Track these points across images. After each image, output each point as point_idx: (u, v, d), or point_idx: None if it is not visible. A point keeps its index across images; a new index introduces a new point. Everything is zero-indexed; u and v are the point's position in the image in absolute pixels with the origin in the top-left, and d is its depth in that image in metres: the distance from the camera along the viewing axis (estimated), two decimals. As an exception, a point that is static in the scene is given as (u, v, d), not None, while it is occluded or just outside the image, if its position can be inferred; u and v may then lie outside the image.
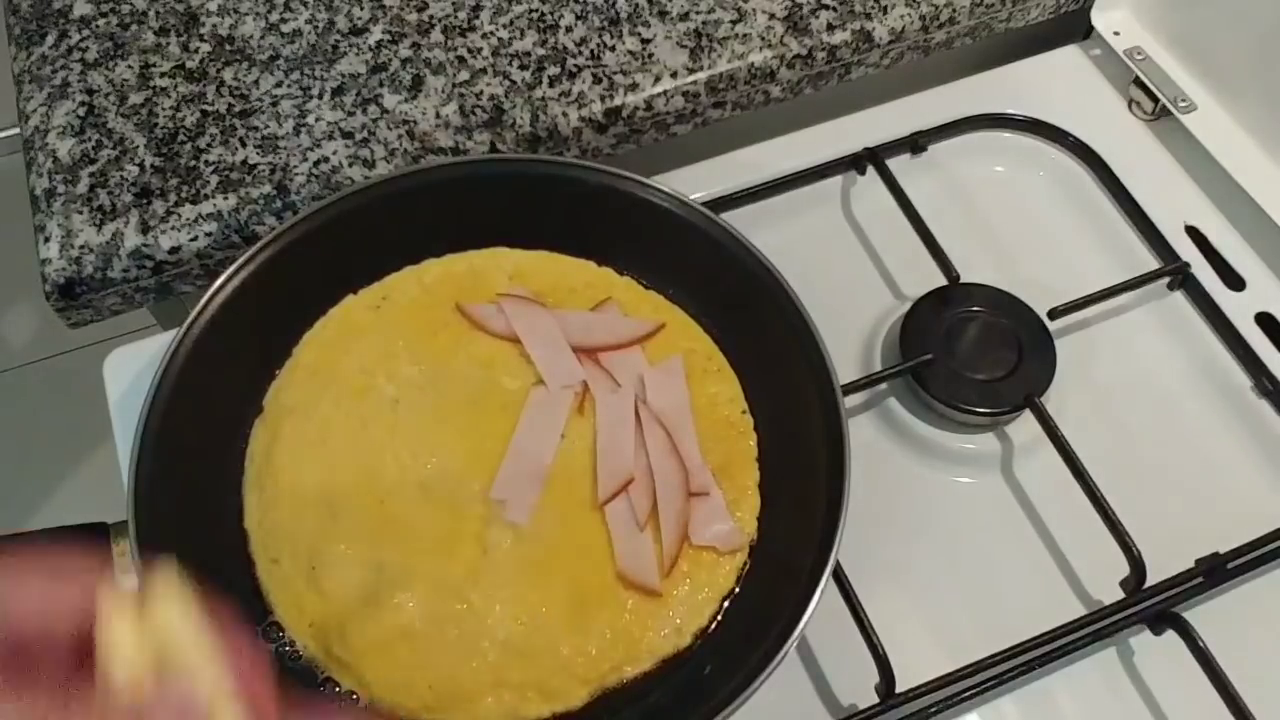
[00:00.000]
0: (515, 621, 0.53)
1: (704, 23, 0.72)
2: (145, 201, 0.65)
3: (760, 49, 0.71)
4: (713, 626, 0.54)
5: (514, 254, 0.63)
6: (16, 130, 0.69)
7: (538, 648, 0.52)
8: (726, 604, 0.55)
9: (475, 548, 0.54)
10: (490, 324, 0.60)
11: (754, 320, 0.60)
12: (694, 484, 0.56)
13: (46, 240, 0.64)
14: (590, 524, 0.55)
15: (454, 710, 0.51)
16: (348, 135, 0.67)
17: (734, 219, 0.64)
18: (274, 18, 0.72)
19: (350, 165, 0.66)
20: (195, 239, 0.64)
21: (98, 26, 0.72)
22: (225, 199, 0.65)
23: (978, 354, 0.64)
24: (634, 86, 0.70)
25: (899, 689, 0.55)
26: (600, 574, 0.54)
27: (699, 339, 0.62)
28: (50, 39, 0.71)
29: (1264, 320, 0.69)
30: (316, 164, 0.66)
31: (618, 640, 0.53)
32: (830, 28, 0.72)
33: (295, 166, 0.66)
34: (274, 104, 0.69)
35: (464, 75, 0.70)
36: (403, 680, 0.51)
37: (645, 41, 0.71)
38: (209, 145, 0.67)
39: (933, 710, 0.55)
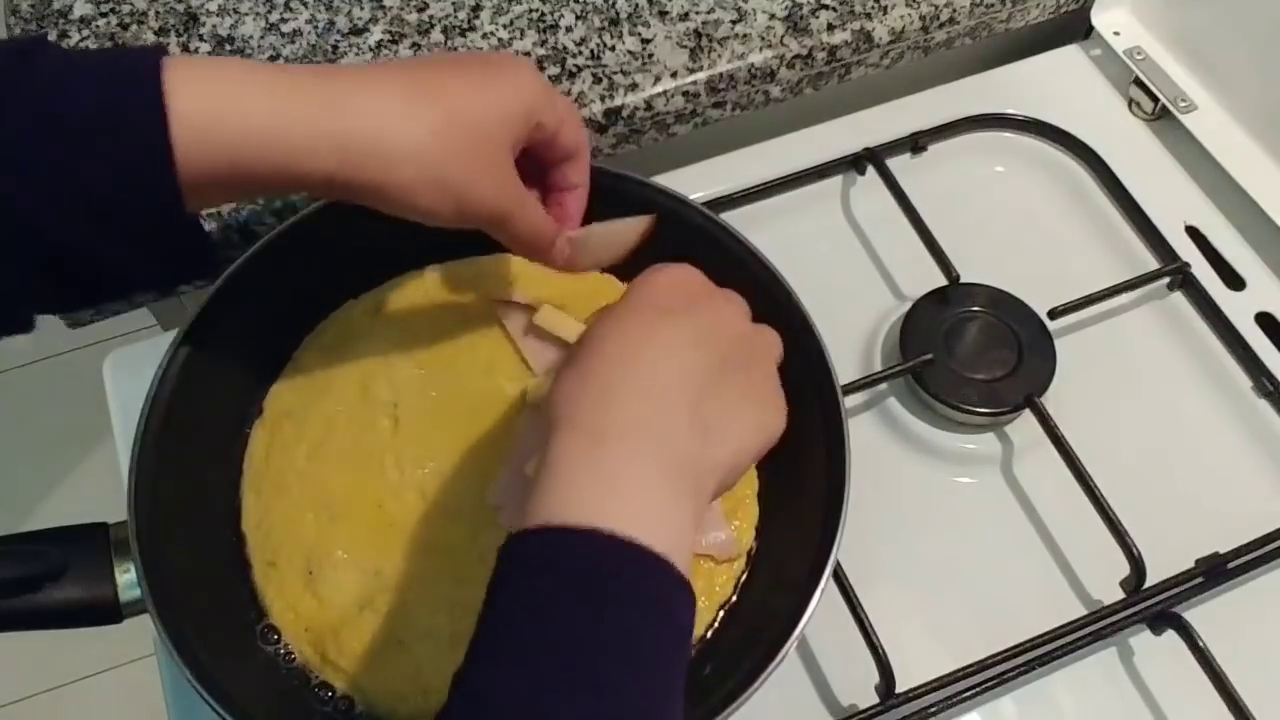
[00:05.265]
0: (514, 623, 0.53)
1: (704, 23, 0.72)
2: (145, 202, 0.65)
3: (760, 49, 0.71)
4: (709, 635, 0.54)
5: (515, 258, 0.63)
6: (16, 131, 0.69)
7: (537, 649, 0.52)
8: (723, 612, 0.55)
9: (472, 553, 0.54)
10: (497, 326, 0.60)
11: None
12: (692, 488, 0.56)
13: (46, 241, 0.63)
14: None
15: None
16: (347, 136, 0.67)
17: (734, 219, 0.64)
18: (274, 18, 0.72)
19: (350, 166, 0.66)
20: (195, 240, 0.64)
21: (98, 26, 0.72)
22: (225, 199, 0.65)
23: (978, 354, 0.64)
24: (634, 86, 0.69)
25: (899, 689, 0.55)
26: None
27: (699, 340, 0.61)
28: (50, 39, 0.71)
29: (1264, 320, 0.69)
30: (316, 164, 0.66)
31: (616, 643, 0.53)
32: (830, 28, 0.72)
33: (295, 167, 0.66)
34: (273, 104, 0.68)
35: (463, 75, 0.70)
36: (397, 685, 0.51)
37: (645, 41, 0.71)
38: (208, 146, 0.67)
39: (933, 710, 0.55)
